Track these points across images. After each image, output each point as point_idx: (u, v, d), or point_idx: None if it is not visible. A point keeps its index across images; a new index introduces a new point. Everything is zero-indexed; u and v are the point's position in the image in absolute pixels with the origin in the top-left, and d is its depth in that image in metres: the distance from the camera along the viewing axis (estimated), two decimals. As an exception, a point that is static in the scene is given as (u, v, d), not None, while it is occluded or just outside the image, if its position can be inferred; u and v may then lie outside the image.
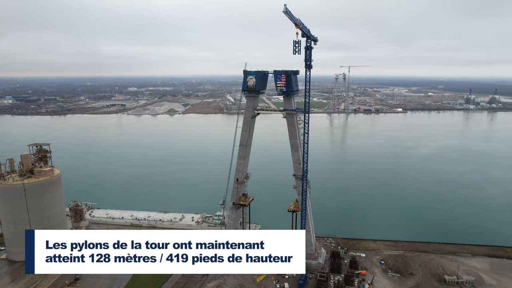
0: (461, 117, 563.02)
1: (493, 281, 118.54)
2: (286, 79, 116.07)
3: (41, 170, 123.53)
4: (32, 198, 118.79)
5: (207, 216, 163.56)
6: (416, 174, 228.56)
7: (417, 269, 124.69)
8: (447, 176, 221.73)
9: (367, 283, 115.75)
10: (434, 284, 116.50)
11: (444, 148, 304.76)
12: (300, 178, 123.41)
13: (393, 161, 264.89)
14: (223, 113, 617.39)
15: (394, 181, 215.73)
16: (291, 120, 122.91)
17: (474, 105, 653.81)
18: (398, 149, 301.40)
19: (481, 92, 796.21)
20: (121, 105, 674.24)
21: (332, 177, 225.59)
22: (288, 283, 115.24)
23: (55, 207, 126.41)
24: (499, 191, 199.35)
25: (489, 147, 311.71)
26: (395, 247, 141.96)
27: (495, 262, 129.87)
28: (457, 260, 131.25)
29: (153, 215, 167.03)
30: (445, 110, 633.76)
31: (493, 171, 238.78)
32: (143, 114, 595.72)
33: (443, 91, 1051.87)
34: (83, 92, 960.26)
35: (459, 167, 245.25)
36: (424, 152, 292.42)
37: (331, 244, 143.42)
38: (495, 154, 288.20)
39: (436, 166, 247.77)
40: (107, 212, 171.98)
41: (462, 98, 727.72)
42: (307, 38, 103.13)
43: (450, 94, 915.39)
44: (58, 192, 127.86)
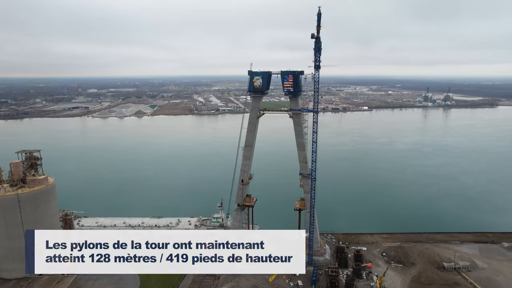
0: (422, 114, 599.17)
1: (484, 265, 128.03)
2: (294, 80, 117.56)
3: (35, 179, 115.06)
4: (27, 209, 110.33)
5: (205, 219, 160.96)
6: (397, 168, 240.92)
7: (416, 259, 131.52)
8: (426, 170, 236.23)
9: (374, 275, 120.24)
10: (434, 271, 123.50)
11: (416, 143, 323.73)
12: (307, 176, 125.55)
13: (374, 157, 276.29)
14: (193, 114, 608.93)
15: (379, 176, 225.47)
16: (298, 120, 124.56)
17: (432, 102, 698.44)
18: (375, 146, 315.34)
19: (436, 91, 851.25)
20: (84, 107, 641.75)
21: (320, 175, 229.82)
22: (301, 281, 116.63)
23: (51, 218, 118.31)
24: (473, 181, 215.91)
25: (455, 142, 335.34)
26: (391, 239, 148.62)
27: (483, 247, 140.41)
28: (449, 247, 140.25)
29: (147, 221, 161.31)
30: (406, 108, 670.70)
31: (464, 164, 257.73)
32: (109, 117, 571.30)
33: (401, 89, 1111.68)
34: (38, 94, 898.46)
35: (434, 161, 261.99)
36: (400, 147, 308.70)
37: (331, 240, 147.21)
38: (462, 148, 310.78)
39: (414, 160, 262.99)
40: (97, 220, 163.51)
41: (420, 96, 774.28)
42: (316, 39, 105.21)
43: (408, 92, 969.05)
44: (53, 202, 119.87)
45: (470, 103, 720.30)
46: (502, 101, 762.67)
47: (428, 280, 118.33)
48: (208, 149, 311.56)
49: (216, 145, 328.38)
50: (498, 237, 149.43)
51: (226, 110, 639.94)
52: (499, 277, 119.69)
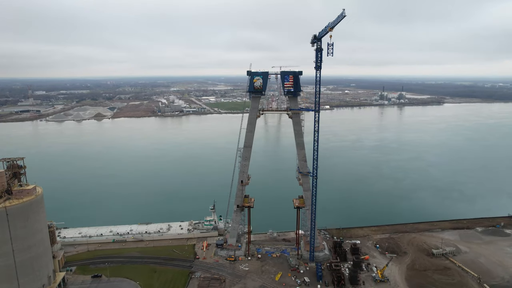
0: (380, 111, 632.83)
1: (466, 249, 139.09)
2: (294, 80, 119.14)
3: (22, 189, 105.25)
4: (17, 223, 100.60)
5: (196, 223, 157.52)
6: (372, 164, 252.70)
7: (407, 248, 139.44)
8: (398, 164, 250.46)
9: (373, 266, 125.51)
10: (425, 258, 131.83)
11: (382, 140, 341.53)
12: (306, 175, 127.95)
13: (349, 154, 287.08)
14: (156, 115, 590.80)
15: (358, 172, 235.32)
16: (297, 120, 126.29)
17: (387, 100, 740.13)
18: (347, 143, 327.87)
19: (389, 89, 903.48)
20: (35, 111, 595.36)
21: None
22: (307, 277, 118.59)
23: (41, 231, 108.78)
24: (441, 173, 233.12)
25: (417, 137, 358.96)
26: (380, 231, 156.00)
27: (462, 233, 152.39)
28: (433, 235, 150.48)
29: (136, 228, 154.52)
30: (364, 106, 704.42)
31: (429, 157, 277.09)
32: (65, 121, 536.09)
33: (356, 88, 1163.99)
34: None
35: (402, 156, 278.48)
36: (369, 144, 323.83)
37: (325, 235, 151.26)
38: (424, 143, 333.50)
39: (385, 156, 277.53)
40: (80, 230, 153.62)
41: (376, 95, 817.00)
42: (317, 41, 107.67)
43: (363, 91, 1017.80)
44: (43, 214, 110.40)
45: (420, 101, 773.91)
46: (447, 99, 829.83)
47: (422, 266, 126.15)
48: (184, 151, 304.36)
49: (190, 146, 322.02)
50: (471, 222, 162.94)
51: (191, 111, 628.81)
52: (481, 259, 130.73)
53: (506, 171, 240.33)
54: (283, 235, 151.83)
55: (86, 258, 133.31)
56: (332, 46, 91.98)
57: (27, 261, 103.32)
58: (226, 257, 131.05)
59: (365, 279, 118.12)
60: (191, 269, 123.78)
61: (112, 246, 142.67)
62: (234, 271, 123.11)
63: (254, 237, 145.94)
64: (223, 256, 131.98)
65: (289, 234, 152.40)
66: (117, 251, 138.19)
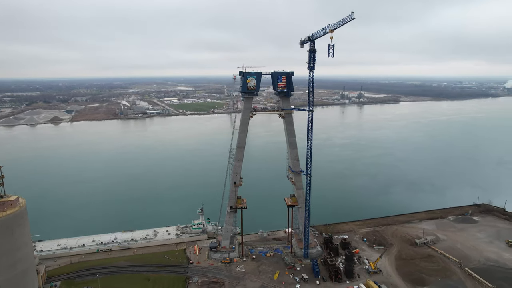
0: (342, 110, 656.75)
1: (444, 237, 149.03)
2: (287, 80, 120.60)
3: (4, 201, 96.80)
4: (2, 238, 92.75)
5: (184, 227, 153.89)
6: (346, 161, 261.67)
7: (392, 240, 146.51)
8: (370, 160, 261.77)
9: (364, 259, 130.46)
10: (410, 248, 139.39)
11: (351, 138, 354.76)
12: (299, 173, 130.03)
13: (322, 152, 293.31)
14: (118, 118, 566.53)
15: (334, 169, 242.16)
16: (289, 120, 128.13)
17: (348, 100, 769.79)
18: (319, 141, 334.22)
19: (349, 89, 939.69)
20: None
21: (282, 172, 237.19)
22: (305, 274, 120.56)
23: (26, 245, 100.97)
24: (410, 168, 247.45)
25: (382, 134, 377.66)
26: (364, 225, 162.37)
27: (438, 223, 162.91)
28: (413, 226, 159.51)
29: (120, 236, 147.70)
30: (327, 105, 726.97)
31: (397, 153, 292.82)
32: (17, 125, 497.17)
33: (316, 88, 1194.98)
34: None
35: (372, 152, 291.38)
36: (339, 142, 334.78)
37: (314, 232, 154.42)
38: (390, 140, 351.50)
39: (357, 153, 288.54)
40: (58, 242, 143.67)
41: (337, 94, 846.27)
42: (310, 42, 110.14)
43: (323, 91, 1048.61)
44: (27, 227, 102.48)
45: (378, 100, 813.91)
46: (402, 97, 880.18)
47: (408, 256, 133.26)
48: (157, 153, 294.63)
49: (163, 149, 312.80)
50: (443, 212, 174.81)
51: (155, 113, 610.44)
52: (458, 245, 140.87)
53: (466, 163, 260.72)
54: (273, 234, 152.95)
55: (70, 272, 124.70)
56: (333, 47, 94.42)
57: (13, 279, 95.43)
58: (221, 260, 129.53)
59: (359, 272, 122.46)
60: (187, 274, 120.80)
61: (97, 257, 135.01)
62: (231, 273, 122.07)
63: (245, 237, 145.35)
64: (217, 259, 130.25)
65: (278, 233, 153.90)
66: (103, 262, 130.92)
